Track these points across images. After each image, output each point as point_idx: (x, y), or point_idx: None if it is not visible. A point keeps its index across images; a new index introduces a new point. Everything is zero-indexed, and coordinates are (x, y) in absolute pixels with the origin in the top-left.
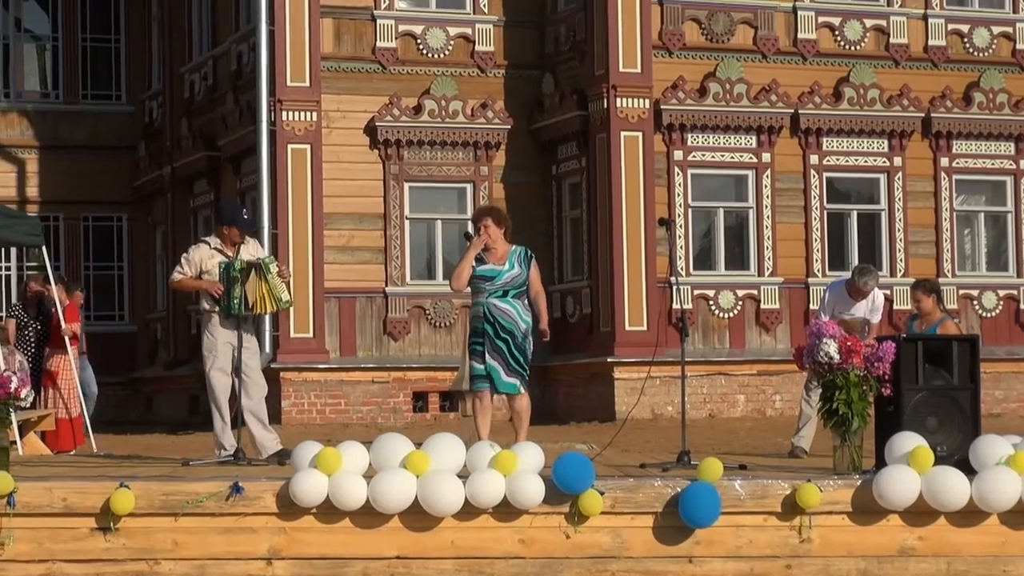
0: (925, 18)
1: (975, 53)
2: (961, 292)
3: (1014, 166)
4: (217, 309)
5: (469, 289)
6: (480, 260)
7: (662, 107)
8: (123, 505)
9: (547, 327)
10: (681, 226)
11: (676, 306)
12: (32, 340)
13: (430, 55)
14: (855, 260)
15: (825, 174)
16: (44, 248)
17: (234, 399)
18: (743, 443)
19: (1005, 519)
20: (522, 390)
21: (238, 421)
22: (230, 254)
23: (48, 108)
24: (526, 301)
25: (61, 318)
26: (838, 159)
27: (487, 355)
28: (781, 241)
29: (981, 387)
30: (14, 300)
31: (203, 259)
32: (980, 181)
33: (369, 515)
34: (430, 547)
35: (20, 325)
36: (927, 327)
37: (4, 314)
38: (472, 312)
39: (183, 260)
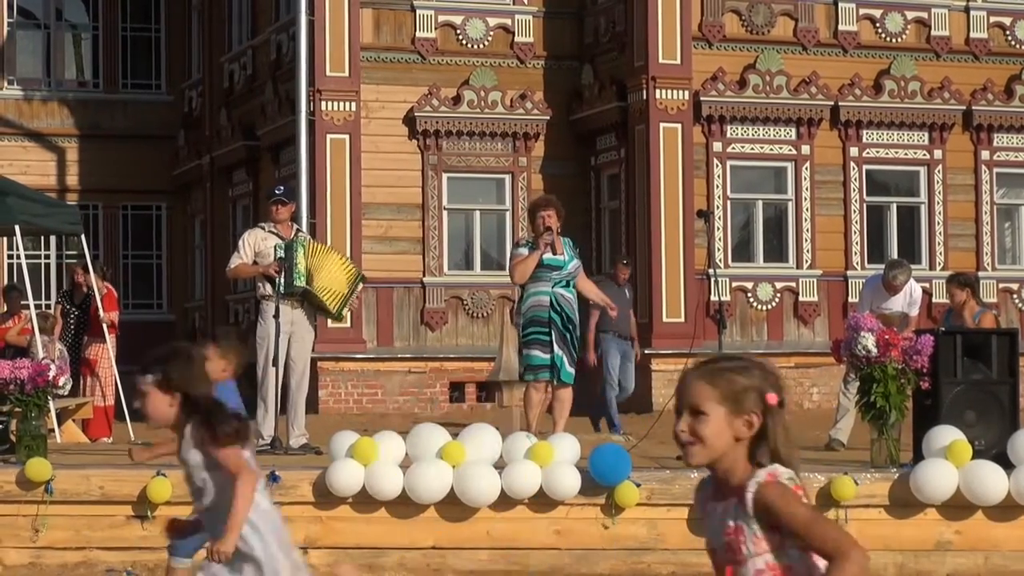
0: (967, 10)
1: (1017, 46)
2: (1001, 286)
3: None
4: (276, 292)
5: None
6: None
7: (701, 99)
8: (160, 493)
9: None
10: (720, 218)
11: (714, 298)
12: (72, 328)
13: (469, 46)
14: (894, 253)
15: (865, 167)
16: (83, 236)
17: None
18: None
19: None
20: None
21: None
22: (284, 236)
23: (88, 97)
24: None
25: (100, 306)
26: (878, 152)
27: (555, 345)
28: (820, 234)
29: (1020, 381)
30: (64, 288)
31: (257, 241)
32: (1021, 175)
33: (405, 505)
34: (466, 537)
35: (62, 313)
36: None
37: (43, 301)
38: (533, 301)
39: (238, 245)
